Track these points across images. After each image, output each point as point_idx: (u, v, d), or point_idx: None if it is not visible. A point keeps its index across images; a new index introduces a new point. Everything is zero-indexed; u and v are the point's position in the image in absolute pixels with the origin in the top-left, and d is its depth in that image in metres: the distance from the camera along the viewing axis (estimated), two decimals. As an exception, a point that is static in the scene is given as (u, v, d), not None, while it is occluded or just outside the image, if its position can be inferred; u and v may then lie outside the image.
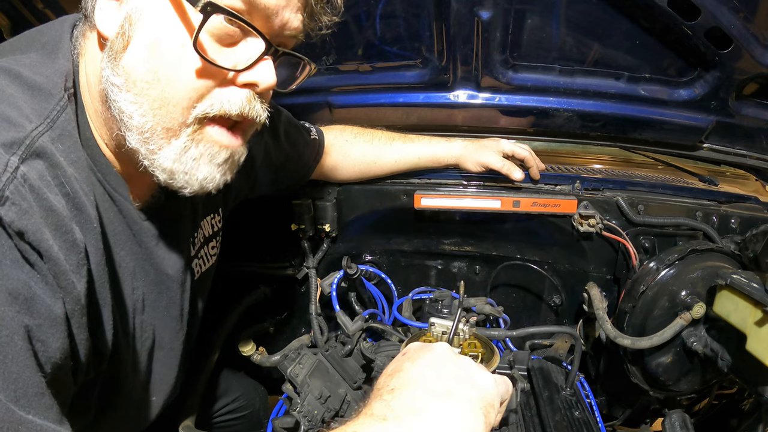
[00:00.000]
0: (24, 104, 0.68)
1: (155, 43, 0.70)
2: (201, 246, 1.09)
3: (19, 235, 0.58)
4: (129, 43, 0.71)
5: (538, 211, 1.42)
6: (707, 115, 1.54)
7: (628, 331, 1.27)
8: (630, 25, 1.39)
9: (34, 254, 0.60)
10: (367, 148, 1.45)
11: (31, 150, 0.64)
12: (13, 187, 0.60)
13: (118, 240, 0.84)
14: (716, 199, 1.50)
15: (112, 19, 0.73)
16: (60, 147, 0.69)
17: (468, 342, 1.17)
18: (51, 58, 0.76)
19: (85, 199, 0.71)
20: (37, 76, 0.72)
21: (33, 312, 0.59)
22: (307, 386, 1.25)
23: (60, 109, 0.72)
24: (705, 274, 1.23)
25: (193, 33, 0.69)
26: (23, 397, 0.56)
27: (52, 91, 0.72)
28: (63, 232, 0.65)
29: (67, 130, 0.72)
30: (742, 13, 1.25)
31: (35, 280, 0.60)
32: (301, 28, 0.80)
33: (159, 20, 0.70)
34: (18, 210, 0.59)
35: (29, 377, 0.57)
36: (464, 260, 1.66)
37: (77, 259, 0.66)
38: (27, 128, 0.65)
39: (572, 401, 1.14)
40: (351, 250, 1.62)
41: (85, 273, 0.68)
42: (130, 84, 0.72)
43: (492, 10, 1.39)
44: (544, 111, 1.63)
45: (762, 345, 1.00)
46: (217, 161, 0.78)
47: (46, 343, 0.61)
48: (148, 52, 0.71)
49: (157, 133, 0.73)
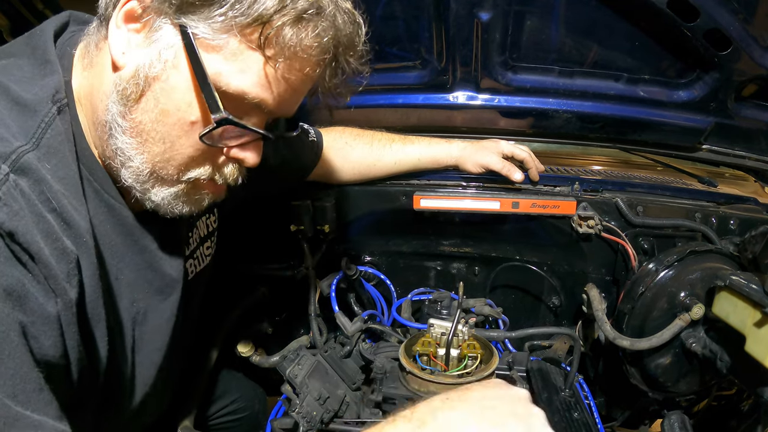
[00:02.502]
0: (11, 122, 0.68)
1: (167, 113, 0.74)
2: (197, 246, 1.09)
3: (9, 235, 0.58)
4: (143, 96, 0.73)
5: (537, 213, 1.42)
6: (706, 117, 1.55)
7: (627, 333, 1.27)
8: (629, 27, 1.39)
9: (25, 255, 0.60)
10: (366, 150, 1.45)
11: (16, 166, 0.64)
12: (5, 188, 0.60)
13: (115, 251, 0.83)
14: (715, 201, 1.50)
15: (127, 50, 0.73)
16: (47, 165, 0.69)
17: (467, 343, 1.17)
18: (40, 67, 0.75)
19: (75, 214, 0.70)
20: (24, 91, 0.71)
21: (26, 309, 0.59)
22: (306, 387, 1.25)
23: (45, 125, 0.71)
24: (704, 276, 1.23)
25: (204, 115, 0.73)
26: (21, 392, 0.56)
27: (38, 108, 0.71)
28: (54, 239, 0.65)
29: (54, 147, 0.71)
30: (741, 15, 1.25)
31: (28, 279, 0.60)
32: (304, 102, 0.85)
33: (173, 93, 0.73)
34: (9, 211, 0.59)
35: (26, 373, 0.57)
36: (463, 261, 1.66)
37: (68, 268, 0.66)
38: (13, 144, 0.65)
39: (571, 402, 1.14)
40: (350, 251, 1.62)
41: (77, 284, 0.68)
42: (136, 133, 0.74)
43: (491, 12, 1.39)
44: (543, 112, 1.63)
45: (761, 346, 1.00)
46: (200, 204, 0.87)
47: (40, 340, 0.61)
48: (160, 116, 0.74)
49: (152, 178, 0.78)
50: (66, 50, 0.79)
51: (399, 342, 1.32)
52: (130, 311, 0.88)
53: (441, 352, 1.14)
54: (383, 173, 1.49)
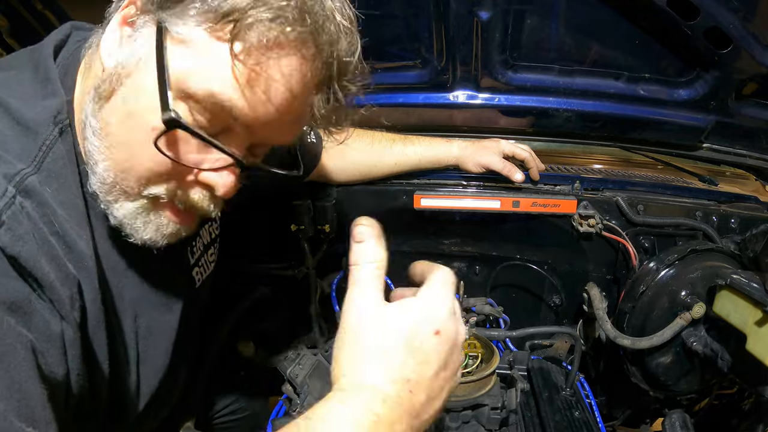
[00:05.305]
0: (13, 143, 0.66)
1: (132, 114, 0.67)
2: (201, 254, 1.08)
3: (11, 259, 0.57)
4: (113, 95, 0.68)
5: (537, 212, 1.42)
6: (707, 115, 1.54)
7: (628, 332, 1.27)
8: (629, 25, 1.39)
9: (30, 278, 0.59)
10: (367, 151, 1.45)
11: (21, 187, 0.62)
12: (10, 212, 0.59)
13: (118, 270, 0.81)
14: (716, 199, 1.50)
15: (112, 50, 0.70)
16: (48, 189, 0.66)
17: (468, 342, 1.17)
18: (42, 85, 0.73)
19: (77, 238, 0.69)
20: (26, 110, 0.69)
21: (31, 325, 0.58)
22: (307, 387, 1.25)
23: (47, 148, 0.68)
24: (705, 274, 1.23)
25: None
26: (26, 407, 0.54)
27: (39, 129, 0.69)
28: (58, 263, 0.64)
29: (55, 171, 0.68)
30: (741, 13, 1.24)
31: (33, 297, 0.59)
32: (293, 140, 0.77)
33: (140, 94, 0.67)
34: (12, 236, 0.58)
35: (31, 388, 0.56)
36: (464, 260, 1.66)
37: (71, 293, 0.65)
38: (17, 167, 0.64)
39: (572, 401, 1.14)
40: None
41: (79, 309, 0.67)
42: (103, 134, 0.69)
43: (491, 11, 1.39)
44: (543, 111, 1.63)
45: (762, 345, 1.00)
46: (164, 232, 0.77)
47: (45, 356, 0.60)
48: (125, 117, 0.68)
49: (115, 189, 0.71)
50: (68, 67, 0.77)
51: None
52: (133, 327, 0.86)
53: (442, 351, 1.14)
54: (384, 174, 1.49)
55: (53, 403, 0.60)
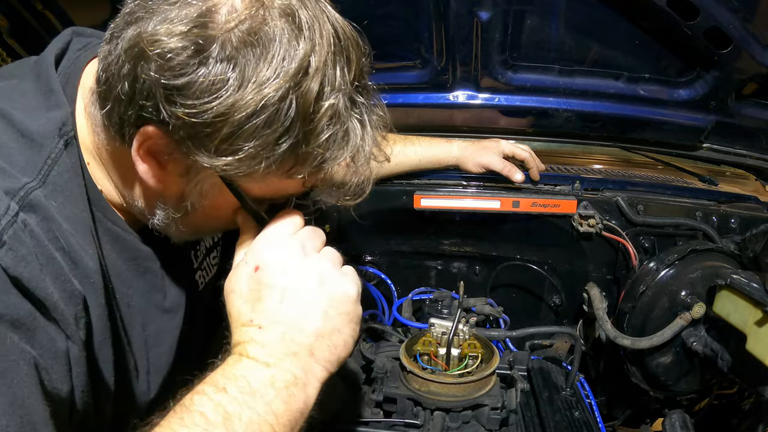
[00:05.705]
0: (18, 156, 0.65)
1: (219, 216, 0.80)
2: (204, 257, 1.08)
3: (14, 280, 0.56)
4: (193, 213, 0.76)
5: (537, 212, 1.42)
6: (707, 115, 1.54)
7: (628, 332, 1.27)
8: (629, 25, 1.39)
9: (33, 299, 0.58)
10: None
11: (25, 203, 0.61)
12: (12, 231, 0.58)
13: (124, 280, 0.81)
14: (716, 199, 1.50)
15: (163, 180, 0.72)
16: (53, 203, 0.65)
17: (468, 342, 1.17)
18: (45, 96, 0.72)
19: (83, 253, 0.68)
20: (30, 122, 0.68)
21: (35, 342, 0.57)
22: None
23: (52, 161, 0.68)
24: (705, 274, 1.23)
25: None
26: (28, 423, 0.54)
27: (44, 142, 0.68)
28: (62, 281, 0.63)
29: (60, 185, 0.68)
30: (741, 13, 1.25)
31: (37, 315, 0.58)
32: None
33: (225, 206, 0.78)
34: (15, 256, 0.57)
35: (33, 405, 0.55)
36: (464, 261, 1.66)
37: (76, 311, 0.64)
38: (22, 181, 0.63)
39: (572, 401, 1.14)
40: (351, 251, 1.62)
41: (84, 326, 0.66)
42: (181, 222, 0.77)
43: (491, 11, 1.39)
44: (543, 111, 1.63)
45: (762, 345, 1.00)
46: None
47: (49, 373, 0.59)
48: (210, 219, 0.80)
49: (172, 228, 0.80)
50: (70, 76, 0.76)
51: (400, 341, 1.32)
52: (142, 336, 0.86)
53: (442, 351, 1.14)
54: (384, 174, 1.48)
55: (56, 420, 0.59)
